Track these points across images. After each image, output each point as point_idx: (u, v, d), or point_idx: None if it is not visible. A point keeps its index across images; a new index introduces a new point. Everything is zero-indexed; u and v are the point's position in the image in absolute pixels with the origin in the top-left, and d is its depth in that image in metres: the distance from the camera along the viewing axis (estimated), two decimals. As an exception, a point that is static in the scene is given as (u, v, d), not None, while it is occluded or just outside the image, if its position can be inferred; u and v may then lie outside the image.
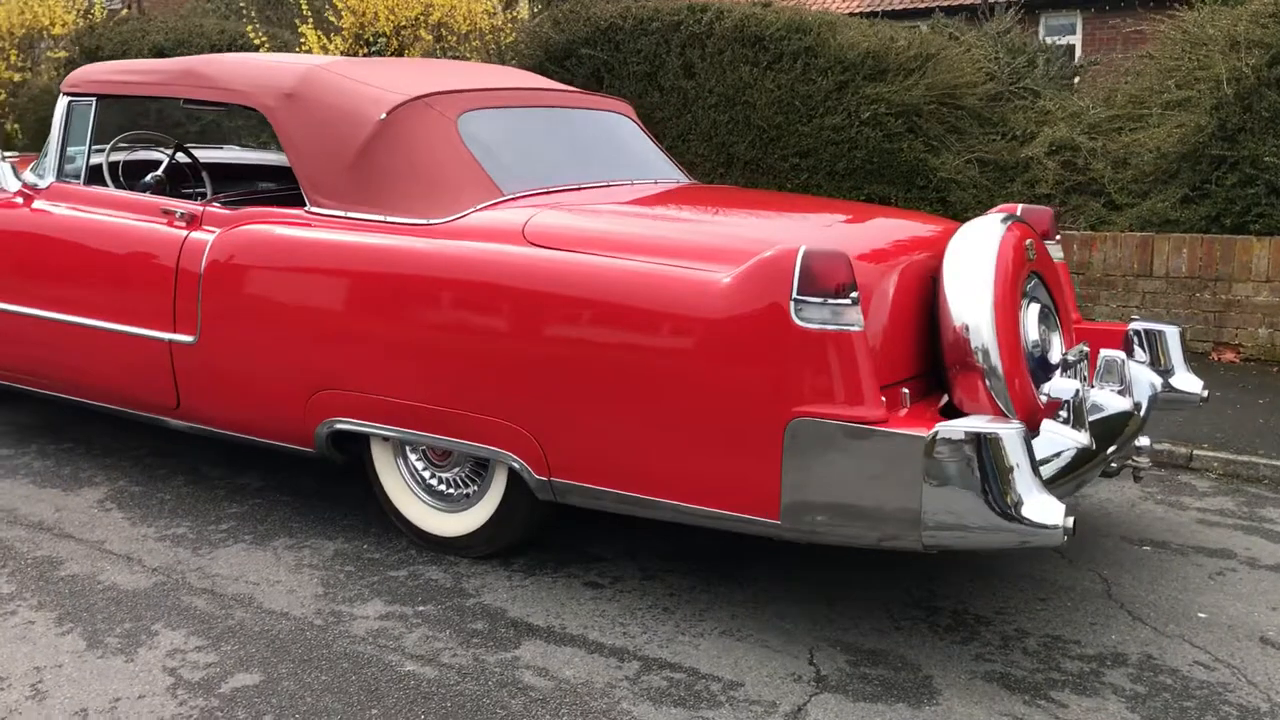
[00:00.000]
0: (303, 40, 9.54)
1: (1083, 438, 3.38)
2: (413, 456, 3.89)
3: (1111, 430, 3.65)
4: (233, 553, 3.86)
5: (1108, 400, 3.77)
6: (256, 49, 9.70)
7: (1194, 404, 4.23)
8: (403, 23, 9.05)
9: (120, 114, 6.55)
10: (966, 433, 2.85)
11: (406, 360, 3.66)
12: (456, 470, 3.83)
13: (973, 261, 3.47)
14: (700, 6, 7.97)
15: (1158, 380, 4.18)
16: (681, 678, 3.06)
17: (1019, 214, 4.33)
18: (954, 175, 7.20)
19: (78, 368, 4.55)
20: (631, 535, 3.94)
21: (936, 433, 2.86)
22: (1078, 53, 15.54)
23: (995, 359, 3.37)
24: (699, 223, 3.90)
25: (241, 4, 10.45)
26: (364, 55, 9.24)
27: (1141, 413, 3.99)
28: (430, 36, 8.98)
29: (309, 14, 9.51)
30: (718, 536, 3.56)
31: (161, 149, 5.23)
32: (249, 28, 9.83)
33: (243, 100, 4.29)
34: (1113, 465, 3.59)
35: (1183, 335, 4.30)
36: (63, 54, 11.45)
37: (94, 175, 4.72)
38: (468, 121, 4.08)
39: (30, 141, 11.12)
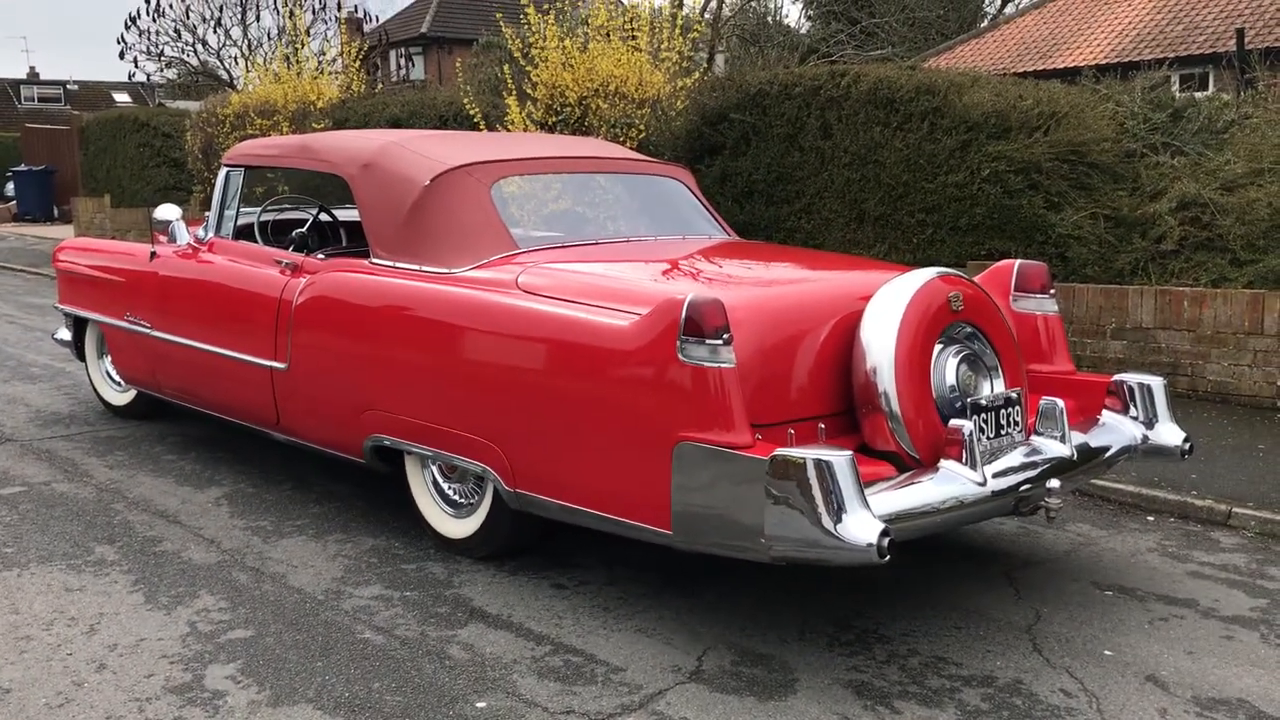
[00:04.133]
0: (508, 109, 10.60)
1: (975, 475, 3.64)
2: (433, 468, 4.59)
3: (1038, 473, 3.87)
4: (293, 543, 4.67)
5: (1044, 445, 3.98)
6: (471, 117, 10.87)
7: (1174, 456, 4.32)
8: (585, 93, 9.93)
9: (292, 179, 7.65)
10: (797, 458, 3.23)
11: (421, 385, 4.38)
12: (462, 482, 4.50)
13: (885, 312, 3.82)
14: (840, 72, 8.40)
15: (1138, 432, 4.33)
16: (578, 661, 3.57)
17: (1015, 267, 4.63)
18: (1072, 231, 7.26)
19: (216, 388, 5.56)
20: (616, 549, 4.46)
21: (774, 457, 3.27)
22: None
23: (895, 403, 3.72)
24: (656, 274, 4.40)
25: (465, 85, 11.65)
26: (553, 123, 10.19)
27: (1101, 458, 4.17)
28: (606, 105, 9.81)
29: (512, 88, 10.58)
30: (691, 555, 4.00)
31: (308, 209, 6.24)
32: (465, 100, 11.01)
33: (334, 169, 5.17)
34: (1023, 507, 3.80)
35: (1167, 388, 4.40)
36: (322, 126, 13.12)
37: (245, 232, 5.76)
38: (501, 187, 4.78)
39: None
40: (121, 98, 46.16)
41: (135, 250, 6.34)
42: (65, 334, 7.08)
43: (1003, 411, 3.93)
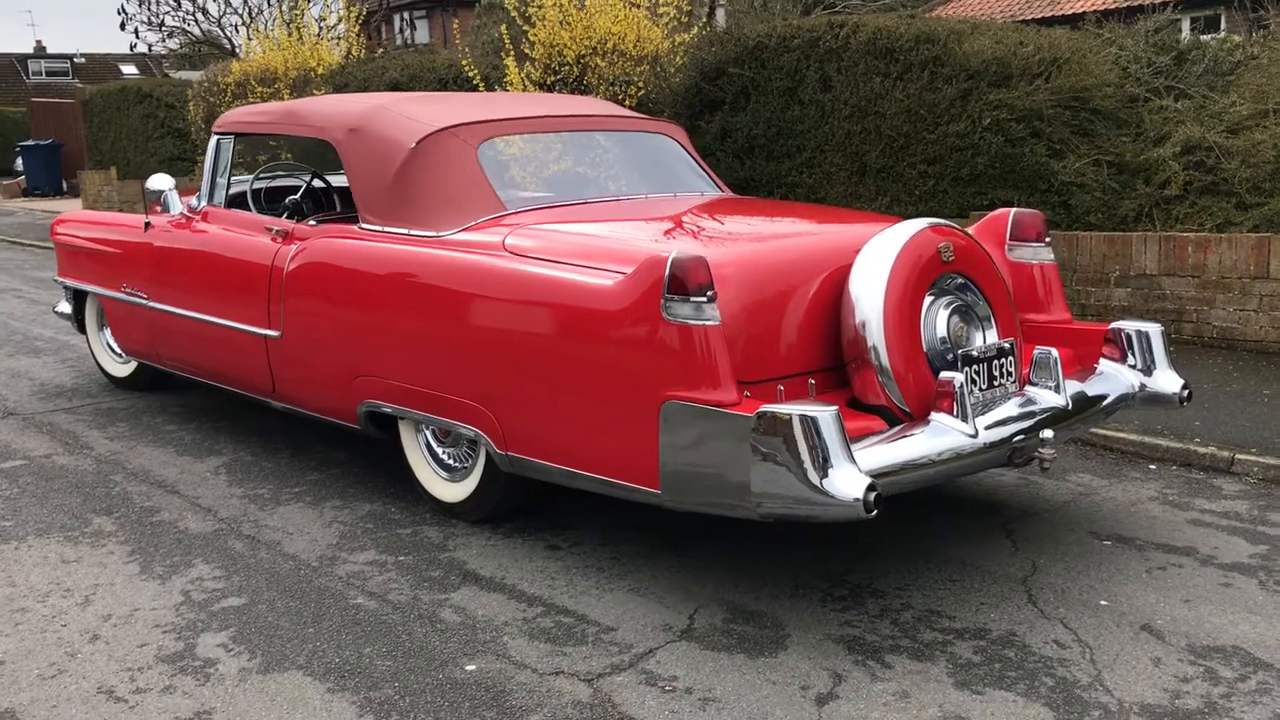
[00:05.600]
0: (506, 70, 10.51)
1: (967, 427, 3.60)
2: (426, 433, 4.57)
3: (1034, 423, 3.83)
4: (290, 510, 4.67)
5: (1038, 396, 3.93)
6: (471, 79, 10.78)
7: (1173, 403, 4.27)
8: (583, 52, 9.83)
9: (293, 146, 7.60)
10: (783, 414, 3.20)
11: (411, 350, 4.35)
12: (456, 446, 4.49)
13: (874, 265, 3.77)
14: (839, 22, 8.28)
15: (1135, 380, 4.28)
16: (569, 621, 3.57)
17: (1011, 216, 4.58)
18: (1075, 179, 7.16)
19: (212, 358, 5.55)
20: (611, 510, 4.45)
21: (760, 413, 3.24)
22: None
23: (884, 357, 3.68)
24: (643, 232, 4.35)
25: (463, 47, 11.54)
26: (551, 82, 10.10)
27: (1098, 408, 4.13)
28: (605, 63, 9.71)
29: (510, 49, 10.48)
30: (685, 515, 3.97)
31: (302, 176, 6.19)
32: (463, 61, 10.91)
33: (321, 134, 5.12)
34: (1017, 459, 3.77)
35: (1164, 335, 4.35)
36: (322, 92, 13.04)
37: (238, 199, 5.73)
38: (489, 148, 4.73)
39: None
40: (129, 70, 46.05)
41: (130, 221, 6.32)
42: (65, 307, 7.09)
43: (995, 362, 3.89)
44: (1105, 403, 4.20)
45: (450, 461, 4.53)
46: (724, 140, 8.92)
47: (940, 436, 3.59)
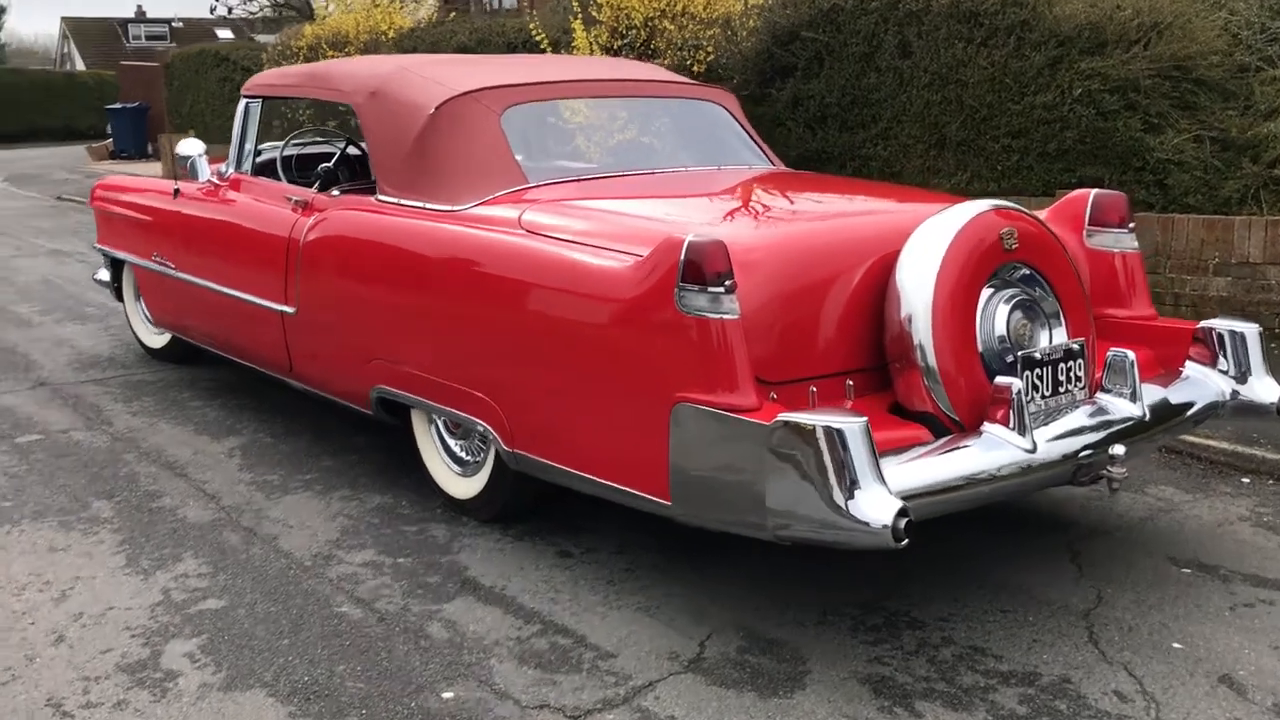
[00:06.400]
0: (573, 33, 10.12)
1: (1023, 441, 3.15)
2: (439, 423, 4.24)
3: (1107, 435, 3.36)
4: (297, 499, 4.39)
5: (1111, 404, 3.46)
6: (539, 43, 10.41)
7: (1269, 413, 3.76)
8: (651, 14, 9.39)
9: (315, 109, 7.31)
10: (804, 424, 2.79)
11: (421, 334, 4.02)
12: (468, 439, 4.15)
13: (924, 252, 3.33)
14: (920, -17, 7.71)
15: (1226, 386, 3.78)
16: (566, 644, 3.21)
17: (1090, 198, 4.11)
18: (1173, 156, 6.55)
19: (234, 332, 5.30)
20: (632, 515, 4.07)
21: (778, 422, 2.83)
22: None
23: (932, 357, 3.24)
24: (672, 210, 3.94)
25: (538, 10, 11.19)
26: (618, 46, 9.68)
27: (1182, 417, 3.64)
28: (674, 26, 9.26)
29: (578, 11, 10.08)
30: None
31: (336, 142, 5.89)
32: (530, 25, 10.54)
33: (343, 98, 4.80)
34: (1082, 476, 3.30)
35: (1263, 336, 3.82)
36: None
37: (270, 167, 5.44)
38: (513, 114, 4.35)
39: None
40: (225, 34, 46.56)
41: (163, 188, 6.08)
42: (104, 275, 6.92)
43: (1062, 366, 3.42)
44: (1190, 412, 3.71)
45: (463, 455, 4.19)
46: (795, 109, 8.42)
47: (992, 451, 3.14)
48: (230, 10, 20.92)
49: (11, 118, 32.79)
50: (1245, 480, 4.51)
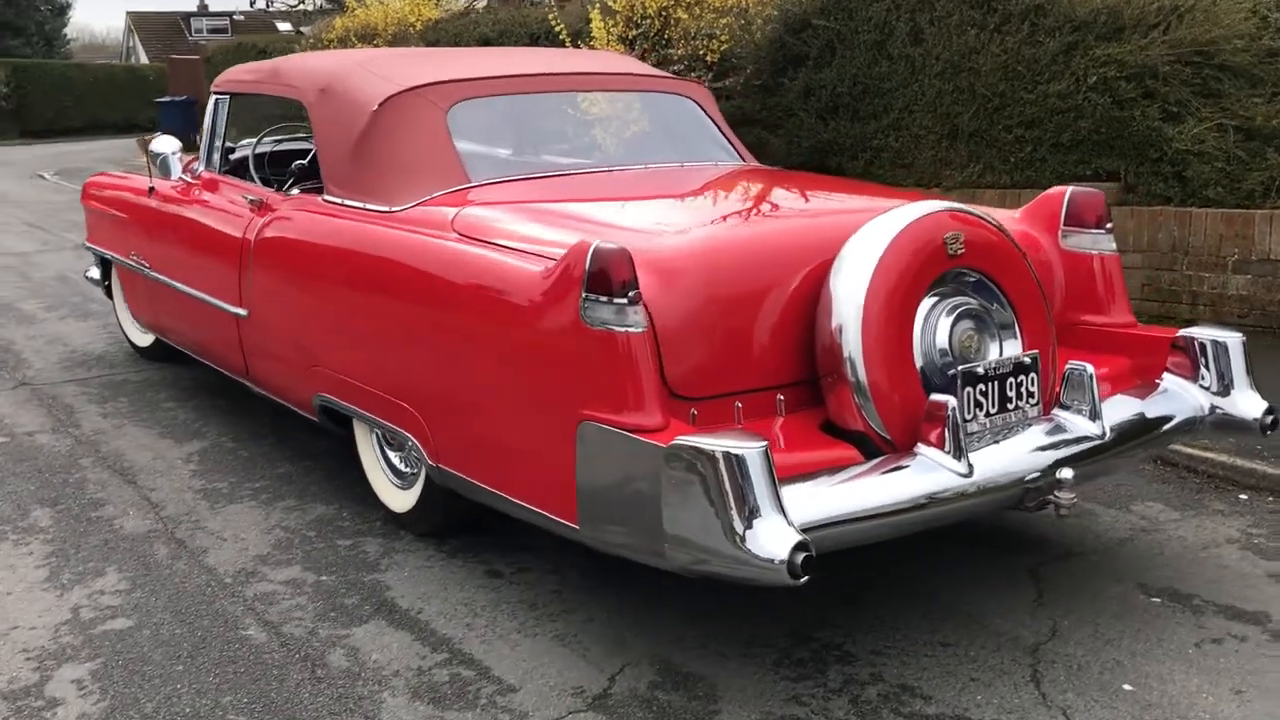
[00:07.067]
0: (590, 24, 9.92)
1: (958, 465, 2.90)
2: (377, 433, 4.08)
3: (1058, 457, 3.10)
4: (239, 509, 4.25)
5: (1067, 422, 3.20)
6: (558, 34, 10.23)
7: (1252, 430, 3.47)
8: (665, 3, 9.15)
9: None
10: (702, 447, 2.57)
11: (354, 340, 3.86)
12: (403, 450, 3.98)
13: (859, 257, 3.08)
14: (934, -32, 7.40)
15: (1206, 400, 3.49)
16: (469, 676, 3.03)
17: (1066, 196, 3.85)
18: (1192, 146, 6.19)
19: (198, 333, 5.19)
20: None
21: (675, 445, 2.61)
22: None
23: (862, 371, 2.99)
24: (608, 212, 3.73)
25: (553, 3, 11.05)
26: (633, 36, 9.46)
27: (1156, 433, 3.37)
28: (687, 15, 9.02)
29: (596, 2, 9.88)
30: None
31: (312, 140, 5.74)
32: (550, 15, 10.37)
33: (295, 94, 4.64)
34: (1030, 501, 3.05)
35: (1245, 346, 3.52)
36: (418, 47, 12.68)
37: (238, 165, 5.31)
38: (461, 110, 4.16)
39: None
40: (284, 27, 47.02)
41: (140, 186, 5.98)
42: (95, 272, 6.86)
43: (1011, 380, 3.16)
44: (1165, 428, 3.43)
45: (402, 467, 4.02)
46: (807, 99, 8.15)
47: (924, 474, 2.90)
48: (270, 3, 20.99)
49: (74, 111, 33.33)
50: (1243, 497, 4.20)
